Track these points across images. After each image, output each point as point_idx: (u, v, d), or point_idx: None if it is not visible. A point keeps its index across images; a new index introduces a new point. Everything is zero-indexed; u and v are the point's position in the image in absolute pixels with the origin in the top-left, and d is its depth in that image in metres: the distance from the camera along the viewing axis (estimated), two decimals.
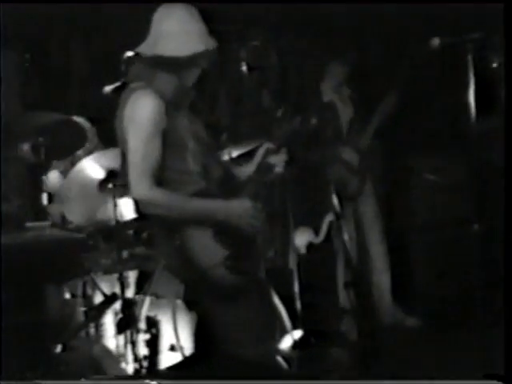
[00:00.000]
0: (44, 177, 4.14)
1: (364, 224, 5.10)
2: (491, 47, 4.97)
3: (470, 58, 3.42)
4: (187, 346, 3.63)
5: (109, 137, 3.31)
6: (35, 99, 5.05)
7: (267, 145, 3.27)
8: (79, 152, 4.25)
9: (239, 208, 2.98)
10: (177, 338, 3.59)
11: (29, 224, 4.09)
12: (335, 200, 3.85)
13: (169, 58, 2.96)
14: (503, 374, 2.97)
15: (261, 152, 3.28)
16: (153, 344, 3.75)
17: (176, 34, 2.96)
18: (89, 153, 4.20)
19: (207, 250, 2.92)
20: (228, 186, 3.14)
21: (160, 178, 2.95)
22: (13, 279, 3.62)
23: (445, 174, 5.18)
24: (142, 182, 2.89)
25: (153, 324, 3.73)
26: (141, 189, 2.89)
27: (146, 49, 3.01)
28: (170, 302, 3.67)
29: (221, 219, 2.94)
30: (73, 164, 4.09)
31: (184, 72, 3.04)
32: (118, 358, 3.70)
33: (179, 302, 3.58)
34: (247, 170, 3.29)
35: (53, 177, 4.25)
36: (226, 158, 3.95)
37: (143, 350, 3.68)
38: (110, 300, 3.72)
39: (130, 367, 3.63)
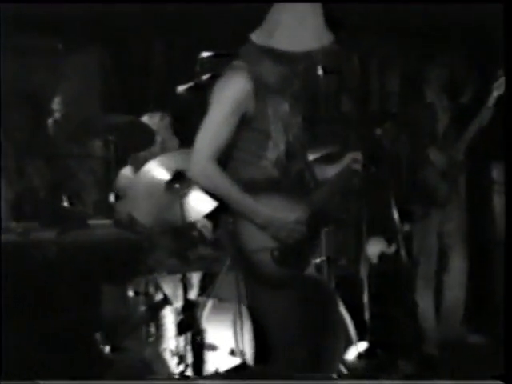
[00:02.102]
0: (116, 173, 4.15)
1: (447, 235, 4.90)
2: None
3: None
4: (248, 351, 3.55)
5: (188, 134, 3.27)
6: (113, 97, 5.10)
7: (356, 154, 3.19)
8: (153, 149, 4.26)
9: (280, 221, 2.90)
10: (237, 343, 3.51)
11: (91, 221, 4.09)
12: (396, 215, 3.68)
13: (280, 51, 2.91)
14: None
15: (346, 161, 3.19)
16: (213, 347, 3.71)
17: (293, 27, 2.88)
18: (162, 151, 4.22)
19: (255, 235, 2.89)
20: (301, 185, 3.06)
21: (226, 157, 2.94)
22: (72, 277, 3.63)
23: None
24: (202, 155, 2.88)
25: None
26: (199, 160, 2.89)
27: (259, 37, 2.95)
28: (233, 306, 3.59)
29: (259, 224, 2.88)
30: (146, 161, 4.08)
31: (294, 64, 2.99)
32: (174, 359, 3.66)
33: (242, 307, 3.49)
34: (329, 171, 3.21)
35: (126, 173, 4.25)
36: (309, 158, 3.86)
37: (201, 353, 3.64)
38: (161, 303, 3.69)
39: (188, 370, 3.58)
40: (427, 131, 4.84)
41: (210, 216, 3.93)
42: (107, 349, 3.55)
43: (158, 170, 3.88)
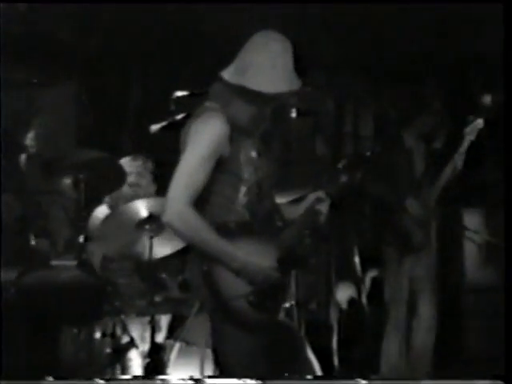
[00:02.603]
0: (87, 212, 4.13)
1: (417, 281, 4.90)
2: None
3: None
4: None
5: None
6: (89, 134, 5.08)
7: (319, 193, 3.20)
8: (129, 191, 4.27)
9: (255, 266, 2.89)
10: None
11: (54, 262, 4.04)
12: (357, 262, 3.69)
13: (252, 90, 2.92)
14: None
15: (310, 200, 3.20)
16: None
17: (265, 68, 2.90)
18: (139, 194, 4.23)
19: (231, 281, 2.85)
20: (271, 226, 3.06)
21: (201, 201, 2.90)
22: (30, 320, 3.57)
23: (500, 236, 4.94)
24: (179, 199, 2.84)
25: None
26: (175, 204, 2.84)
27: (231, 75, 2.95)
28: (200, 349, 3.57)
29: (234, 269, 2.87)
30: (122, 202, 4.09)
31: (263, 105, 2.99)
32: None
33: (208, 351, 3.47)
34: (295, 211, 3.21)
35: (99, 214, 4.24)
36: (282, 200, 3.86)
37: None
38: (127, 346, 3.66)
39: None
40: (404, 177, 4.85)
41: (177, 256, 3.95)
42: None
43: (132, 212, 3.90)
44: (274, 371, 3.06)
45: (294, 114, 3.93)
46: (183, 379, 3.14)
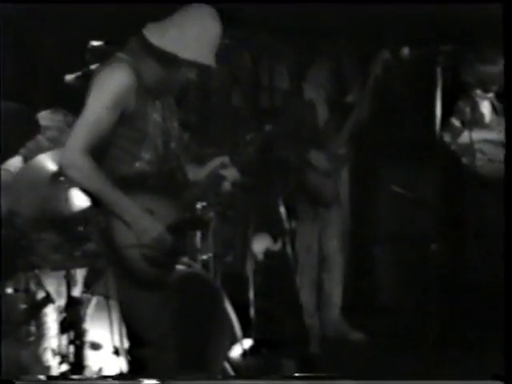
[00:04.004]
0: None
1: (327, 232, 4.98)
2: (463, 61, 4.92)
3: (439, 70, 3.35)
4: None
5: None
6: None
7: (222, 159, 3.19)
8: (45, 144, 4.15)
9: (147, 229, 2.86)
10: (121, 342, 3.45)
11: None
12: (283, 212, 3.73)
13: (167, 53, 2.88)
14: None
15: (213, 164, 3.20)
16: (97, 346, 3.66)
17: (188, 35, 2.88)
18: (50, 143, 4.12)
19: (126, 233, 2.83)
20: (173, 185, 3.04)
21: (101, 153, 2.88)
22: None
23: (413, 188, 5.08)
24: (76, 147, 2.81)
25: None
26: (72, 152, 2.81)
27: (152, 34, 2.91)
28: (116, 303, 3.52)
29: (127, 220, 2.84)
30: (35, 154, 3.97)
31: (174, 70, 2.95)
32: (55, 359, 3.58)
33: (116, 304, 3.42)
34: (200, 173, 3.21)
35: (9, 167, 4.12)
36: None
37: (86, 351, 3.58)
38: (42, 301, 3.60)
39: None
40: (309, 129, 4.87)
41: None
42: None
43: (44, 164, 3.80)
44: (188, 325, 3.06)
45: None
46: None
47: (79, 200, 3.83)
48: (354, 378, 3.28)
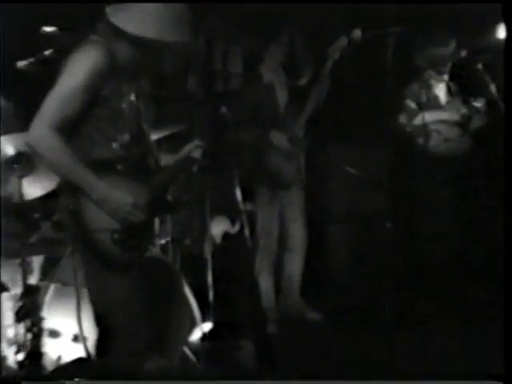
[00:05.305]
0: None
1: (288, 214, 5.01)
2: (414, 44, 4.99)
3: (390, 52, 3.40)
4: (90, 337, 3.49)
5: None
6: None
7: (196, 142, 3.21)
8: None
9: (117, 201, 2.86)
10: (80, 329, 3.45)
11: None
12: (238, 195, 3.75)
13: (130, 34, 2.86)
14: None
15: (189, 147, 3.21)
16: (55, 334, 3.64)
17: (150, 13, 2.85)
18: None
19: (96, 216, 2.83)
20: (144, 168, 3.04)
21: (73, 132, 2.85)
22: None
23: (365, 169, 5.13)
24: (45, 122, 2.77)
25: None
26: (40, 127, 2.78)
27: (114, 15, 2.88)
28: (76, 290, 3.52)
29: (96, 200, 2.84)
30: None
31: (144, 51, 2.94)
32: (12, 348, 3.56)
33: (85, 290, 3.43)
34: (170, 158, 3.21)
35: None
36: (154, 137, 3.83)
37: (45, 339, 3.57)
38: None
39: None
40: (268, 112, 4.88)
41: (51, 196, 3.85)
42: None
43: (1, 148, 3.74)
44: (149, 310, 3.07)
45: None
46: None
47: (33, 189, 3.82)
48: (313, 357, 3.38)
